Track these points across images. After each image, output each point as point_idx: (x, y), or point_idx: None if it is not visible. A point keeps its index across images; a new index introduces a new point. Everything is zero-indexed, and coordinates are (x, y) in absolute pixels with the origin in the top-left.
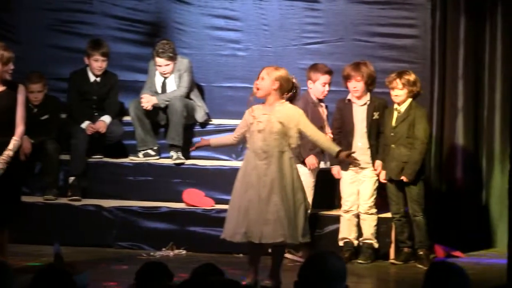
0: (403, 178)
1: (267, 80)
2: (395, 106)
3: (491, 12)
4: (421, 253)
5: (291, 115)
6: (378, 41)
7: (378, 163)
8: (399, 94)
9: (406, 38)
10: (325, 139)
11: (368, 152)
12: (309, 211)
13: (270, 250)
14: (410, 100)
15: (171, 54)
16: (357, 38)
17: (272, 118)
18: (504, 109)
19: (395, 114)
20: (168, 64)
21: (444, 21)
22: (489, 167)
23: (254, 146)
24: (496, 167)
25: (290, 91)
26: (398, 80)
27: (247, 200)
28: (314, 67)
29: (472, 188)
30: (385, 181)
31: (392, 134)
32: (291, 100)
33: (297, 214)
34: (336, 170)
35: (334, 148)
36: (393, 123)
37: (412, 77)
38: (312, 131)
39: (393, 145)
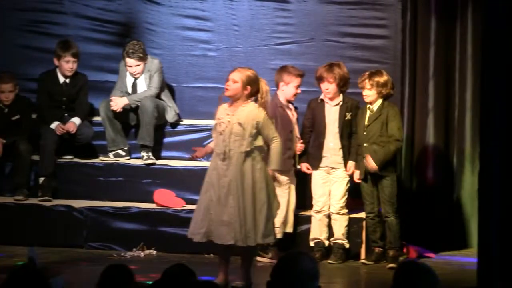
0: (368, 164)
1: (240, 84)
2: (368, 105)
3: (461, 13)
4: (390, 254)
5: (250, 116)
6: (349, 42)
7: (351, 163)
8: (368, 94)
9: (376, 39)
10: (274, 151)
11: (340, 152)
12: (278, 211)
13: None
14: (381, 100)
15: (141, 55)
16: (328, 38)
17: (233, 119)
18: (474, 109)
19: (368, 113)
20: (138, 65)
21: (415, 21)
22: (459, 167)
23: (216, 147)
24: (467, 167)
25: (257, 92)
26: (367, 80)
27: (207, 200)
28: (286, 70)
29: (443, 188)
30: (359, 181)
31: (365, 133)
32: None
33: (258, 216)
34: (304, 166)
35: (272, 164)
36: (366, 122)
37: (382, 78)
38: (268, 136)
39: (366, 144)
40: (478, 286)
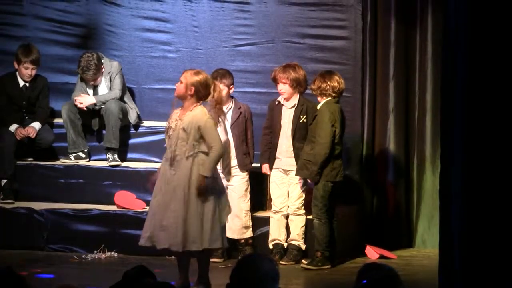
0: (308, 179)
1: (183, 84)
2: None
3: (421, 14)
4: (317, 254)
5: (194, 121)
6: (309, 43)
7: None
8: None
9: (337, 40)
10: (210, 157)
11: (293, 155)
12: (229, 216)
13: None
14: (326, 99)
15: (95, 70)
16: (288, 39)
17: (179, 124)
18: (435, 111)
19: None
20: (96, 78)
21: (375, 22)
22: (420, 169)
23: (166, 152)
24: (428, 168)
25: (207, 96)
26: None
27: (155, 205)
28: None
29: (403, 189)
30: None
31: (308, 132)
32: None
33: (204, 221)
34: (265, 168)
35: (202, 170)
36: (310, 121)
37: (321, 82)
38: (207, 143)
39: (306, 142)
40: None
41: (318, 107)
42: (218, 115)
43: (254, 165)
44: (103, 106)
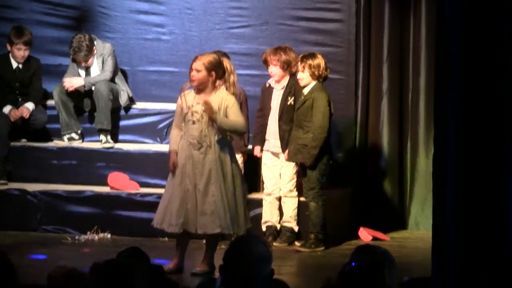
0: (305, 163)
1: (204, 72)
2: (303, 89)
3: None
4: (310, 236)
5: (222, 103)
6: (303, 25)
7: (286, 152)
8: (300, 77)
9: (330, 22)
10: (233, 121)
11: (278, 136)
12: (246, 196)
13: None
14: (314, 83)
15: (86, 52)
16: (282, 22)
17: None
18: (428, 93)
19: (302, 97)
20: (87, 60)
21: (369, 5)
22: (413, 151)
23: (189, 136)
24: (421, 151)
25: (224, 73)
26: (299, 63)
27: (183, 191)
28: None
29: (396, 171)
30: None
31: (295, 117)
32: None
33: (238, 202)
34: (256, 150)
35: (220, 118)
36: (297, 105)
37: (315, 61)
38: (234, 118)
39: (294, 127)
40: (433, 271)
41: (306, 91)
42: (234, 88)
43: (249, 147)
44: (93, 88)
